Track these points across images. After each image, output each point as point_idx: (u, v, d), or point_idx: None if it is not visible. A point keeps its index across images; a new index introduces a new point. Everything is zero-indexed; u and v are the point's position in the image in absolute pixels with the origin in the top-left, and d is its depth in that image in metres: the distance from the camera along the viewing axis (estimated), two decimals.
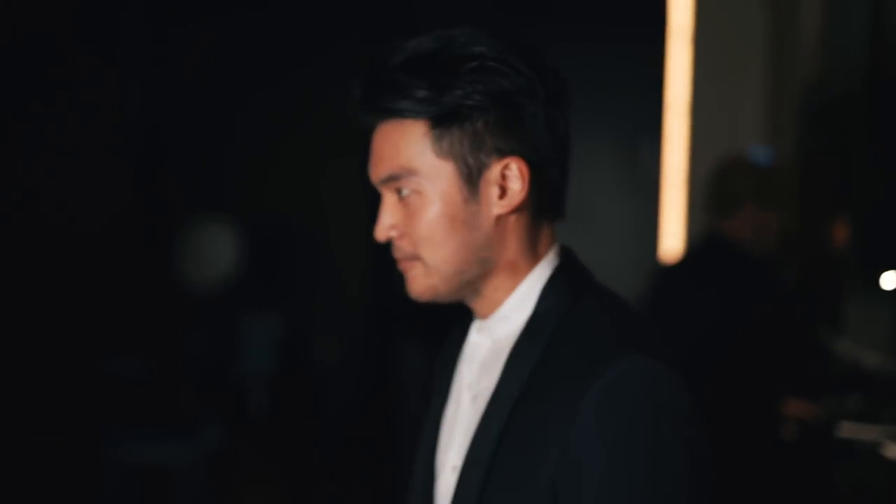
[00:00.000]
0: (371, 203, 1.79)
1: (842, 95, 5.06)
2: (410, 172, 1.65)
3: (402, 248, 1.69)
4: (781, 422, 3.91)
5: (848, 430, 3.85)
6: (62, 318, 6.03)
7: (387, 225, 1.70)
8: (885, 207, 4.69)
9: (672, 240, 5.39)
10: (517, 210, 1.68)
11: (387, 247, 1.71)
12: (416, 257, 1.68)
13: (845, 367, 4.43)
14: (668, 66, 5.41)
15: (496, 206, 1.66)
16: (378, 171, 1.68)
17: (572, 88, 1.69)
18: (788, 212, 3.90)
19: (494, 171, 1.65)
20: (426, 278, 1.69)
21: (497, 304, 1.72)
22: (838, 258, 5.18)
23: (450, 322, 1.88)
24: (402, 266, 1.71)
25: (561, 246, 1.75)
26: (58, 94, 6.06)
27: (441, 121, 1.63)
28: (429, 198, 1.66)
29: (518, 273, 1.71)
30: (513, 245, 1.70)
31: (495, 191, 1.66)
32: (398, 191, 1.68)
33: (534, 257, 1.71)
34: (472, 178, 1.65)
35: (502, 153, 1.65)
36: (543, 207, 1.70)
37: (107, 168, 6.20)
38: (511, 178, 1.66)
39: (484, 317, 1.74)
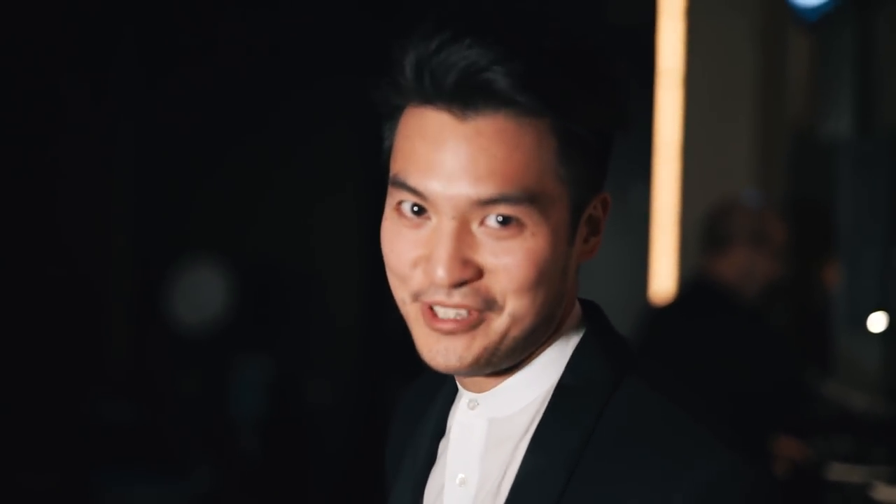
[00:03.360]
0: (367, 241, 1.51)
1: (830, 139, 5.10)
2: (531, 198, 1.20)
3: (477, 293, 1.22)
4: (772, 460, 3.92)
5: (837, 471, 3.85)
6: (53, 360, 6.02)
7: (460, 261, 1.21)
8: (872, 250, 4.72)
9: (662, 281, 5.40)
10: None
11: (379, 288, 1.37)
12: (493, 307, 1.23)
13: (834, 409, 4.45)
14: (658, 108, 5.44)
15: (582, 252, 1.29)
16: (480, 186, 1.19)
17: None
18: (780, 256, 3.92)
19: (591, 208, 1.27)
20: (495, 336, 1.24)
21: (505, 374, 1.30)
22: (827, 300, 5.20)
23: None
24: (461, 323, 1.23)
25: (583, 302, 1.35)
26: (50, 137, 6.08)
27: (580, 134, 1.21)
28: (534, 232, 1.21)
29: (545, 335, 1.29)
30: (570, 302, 1.31)
31: (583, 232, 1.28)
32: (488, 217, 1.20)
33: (563, 318, 1.31)
34: (576, 214, 1.25)
35: (600, 188, 1.28)
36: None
37: (98, 209, 6.21)
38: (599, 219, 1.29)
39: (481, 390, 1.31)
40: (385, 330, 6.05)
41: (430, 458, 1.38)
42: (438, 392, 1.40)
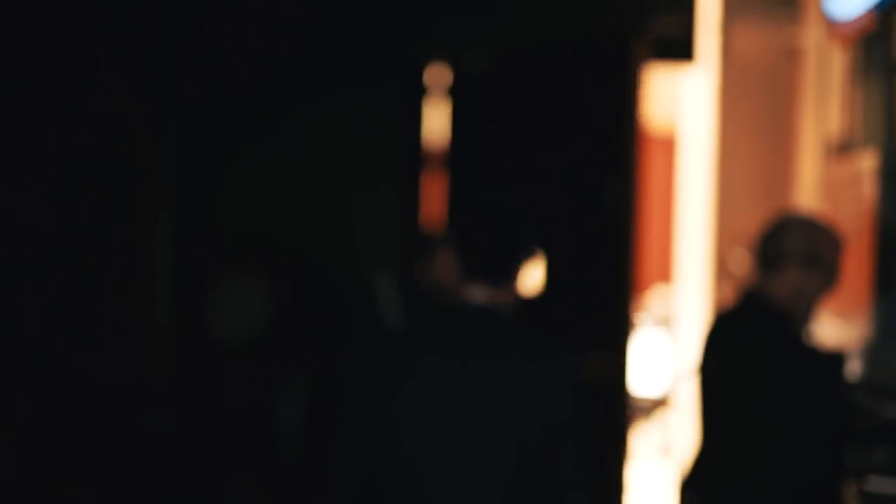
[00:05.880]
0: (408, 256, 1.71)
1: (863, 151, 5.11)
2: None
3: None
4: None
5: (874, 483, 3.85)
6: (96, 372, 6.07)
7: None
8: None
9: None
10: None
11: (417, 300, 1.65)
12: None
13: (869, 420, 4.43)
14: (691, 120, 5.46)
15: None
16: None
17: None
18: (832, 274, 3.89)
19: None
20: None
21: None
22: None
23: None
24: None
25: None
26: (86, 136, 6.13)
27: None
28: None
29: None
30: None
31: None
32: None
33: None
34: None
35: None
36: None
37: (140, 221, 6.26)
38: None
39: None
40: None
41: None
42: None
